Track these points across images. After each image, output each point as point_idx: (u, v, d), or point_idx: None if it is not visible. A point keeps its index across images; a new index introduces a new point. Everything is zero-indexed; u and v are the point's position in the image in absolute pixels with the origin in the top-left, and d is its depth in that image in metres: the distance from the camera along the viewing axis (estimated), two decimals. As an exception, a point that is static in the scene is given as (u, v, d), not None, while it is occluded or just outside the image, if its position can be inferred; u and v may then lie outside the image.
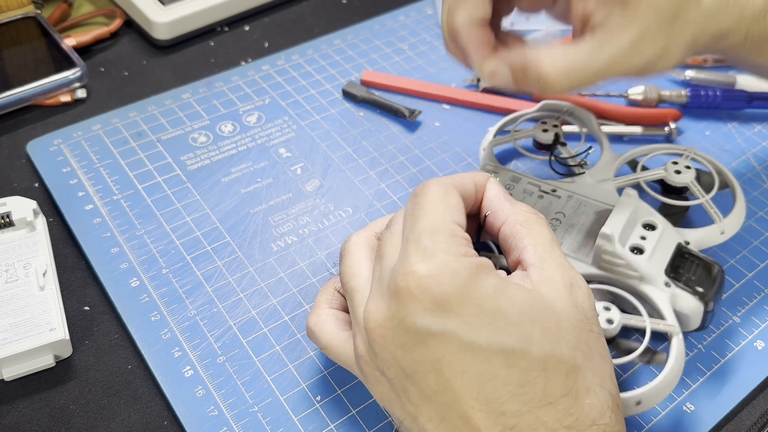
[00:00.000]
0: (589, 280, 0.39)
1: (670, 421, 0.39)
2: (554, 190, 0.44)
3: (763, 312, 0.45)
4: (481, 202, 0.37)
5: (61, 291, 0.44)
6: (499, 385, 0.30)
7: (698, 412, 0.40)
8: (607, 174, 0.45)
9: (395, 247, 0.33)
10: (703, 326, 0.39)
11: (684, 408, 0.40)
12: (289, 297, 0.44)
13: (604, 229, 0.38)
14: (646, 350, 0.38)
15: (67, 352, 0.41)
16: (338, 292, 0.39)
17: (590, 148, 0.47)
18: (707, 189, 0.44)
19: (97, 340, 0.42)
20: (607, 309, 0.37)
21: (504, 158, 0.53)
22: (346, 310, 0.38)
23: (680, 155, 0.45)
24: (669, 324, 0.37)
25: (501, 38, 0.41)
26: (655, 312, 0.38)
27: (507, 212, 0.35)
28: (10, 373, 0.40)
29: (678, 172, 0.44)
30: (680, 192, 0.45)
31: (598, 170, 0.45)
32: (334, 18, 0.67)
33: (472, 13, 0.37)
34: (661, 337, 0.38)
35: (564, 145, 0.47)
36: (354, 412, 0.39)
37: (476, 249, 0.41)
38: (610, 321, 0.36)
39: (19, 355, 0.39)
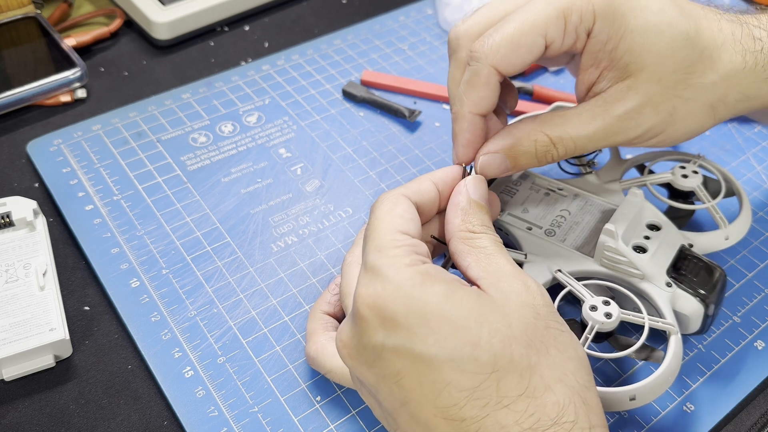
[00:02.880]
0: (591, 276, 0.39)
1: (670, 421, 0.39)
2: (561, 189, 0.44)
3: (763, 312, 0.45)
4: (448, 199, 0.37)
5: (61, 291, 0.44)
6: (454, 391, 0.30)
7: (698, 412, 0.40)
8: (615, 176, 0.45)
9: (357, 273, 0.34)
10: (702, 330, 0.39)
11: (684, 408, 0.40)
12: (289, 297, 0.44)
13: (608, 226, 0.38)
14: (644, 347, 0.38)
15: (67, 352, 0.41)
16: (327, 314, 0.40)
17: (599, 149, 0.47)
18: (713, 195, 0.44)
19: (97, 340, 0.42)
20: (607, 303, 0.37)
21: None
22: None
23: (688, 161, 0.45)
24: (668, 322, 0.37)
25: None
26: (654, 311, 0.38)
27: (454, 228, 0.35)
28: (10, 373, 0.40)
29: (685, 176, 0.44)
30: (686, 196, 0.45)
31: (605, 171, 0.45)
32: (334, 18, 0.67)
33: (481, 107, 0.37)
34: (660, 337, 0.38)
35: None
36: (354, 412, 0.39)
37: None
38: (608, 315, 0.36)
39: (19, 355, 0.39)
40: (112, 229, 0.47)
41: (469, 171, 0.38)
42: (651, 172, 0.46)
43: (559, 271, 0.39)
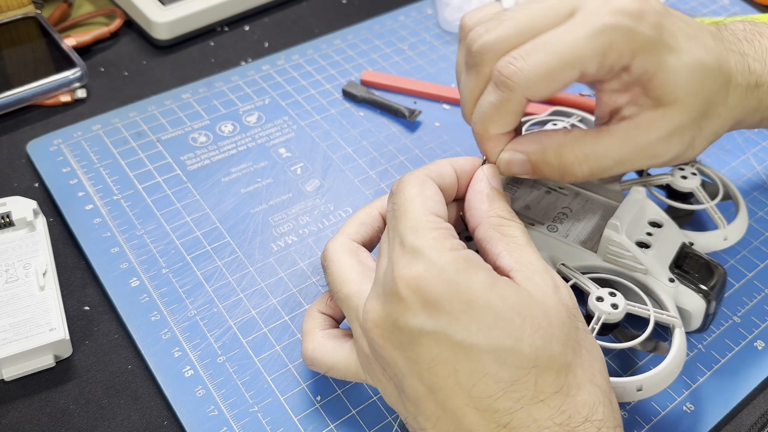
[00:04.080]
0: (594, 271, 0.40)
1: (670, 421, 0.39)
2: (561, 188, 0.44)
3: (763, 312, 0.45)
4: (466, 188, 0.37)
5: (61, 291, 0.44)
6: (491, 382, 0.30)
7: (698, 412, 0.40)
8: (614, 177, 0.45)
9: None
10: (703, 327, 0.40)
11: (684, 408, 0.40)
12: (289, 297, 0.44)
13: (613, 220, 0.39)
14: (650, 339, 0.38)
15: (67, 352, 0.41)
16: (323, 314, 0.39)
17: None
18: (712, 197, 0.45)
19: (97, 340, 0.42)
20: (613, 294, 0.37)
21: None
22: (337, 326, 0.38)
23: (686, 165, 0.46)
24: (672, 315, 0.38)
25: None
26: (658, 305, 0.39)
27: (482, 215, 0.35)
28: (10, 373, 0.40)
29: (684, 177, 0.45)
30: (685, 197, 0.45)
31: None
32: (334, 18, 0.67)
33: (507, 129, 0.37)
34: (663, 332, 0.38)
35: None
36: (354, 412, 0.39)
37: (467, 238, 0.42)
38: (615, 306, 0.37)
39: (19, 355, 0.39)
40: (112, 229, 0.47)
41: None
42: (649, 174, 0.46)
43: (563, 264, 0.39)
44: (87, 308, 0.44)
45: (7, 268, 0.43)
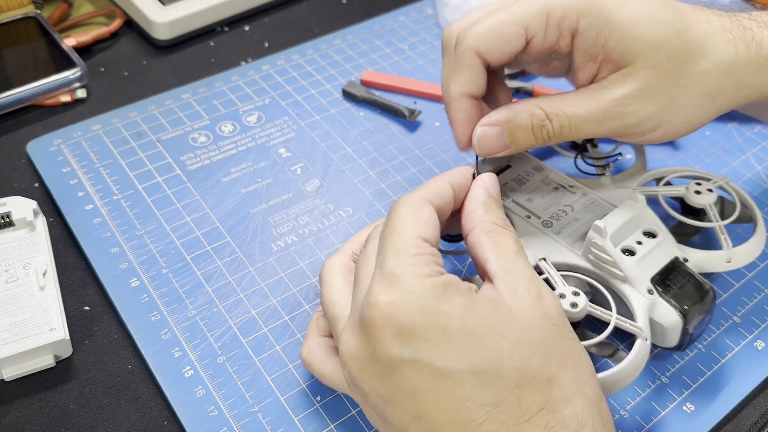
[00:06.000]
0: (574, 270, 0.39)
1: (670, 421, 0.39)
2: (571, 186, 0.44)
3: (763, 312, 0.45)
4: (462, 199, 0.37)
5: (61, 291, 0.44)
6: (474, 407, 0.29)
7: (698, 412, 0.40)
8: (630, 183, 0.44)
9: (368, 272, 0.33)
10: (681, 346, 0.39)
11: (684, 408, 0.40)
12: (289, 297, 0.44)
13: (598, 223, 0.38)
14: (608, 345, 0.38)
15: (67, 352, 0.41)
16: (324, 318, 0.38)
17: (620, 154, 0.47)
18: (727, 217, 0.43)
19: (97, 340, 0.42)
20: (576, 294, 0.36)
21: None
22: None
23: (708, 180, 0.44)
24: (636, 325, 0.37)
25: (497, 93, 0.42)
26: (630, 314, 0.38)
27: (476, 220, 0.35)
28: (10, 373, 0.40)
29: (698, 192, 0.43)
30: (697, 213, 0.44)
31: (623, 176, 0.45)
32: (334, 18, 0.67)
33: (467, 87, 0.38)
34: (632, 343, 0.38)
35: (595, 146, 0.48)
36: (354, 412, 0.39)
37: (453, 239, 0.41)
38: (574, 305, 0.36)
39: (19, 355, 0.39)
40: (112, 229, 0.47)
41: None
42: (668, 184, 0.45)
43: (543, 259, 0.39)
44: (87, 308, 0.44)
45: (7, 268, 0.43)
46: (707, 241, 0.47)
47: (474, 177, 0.38)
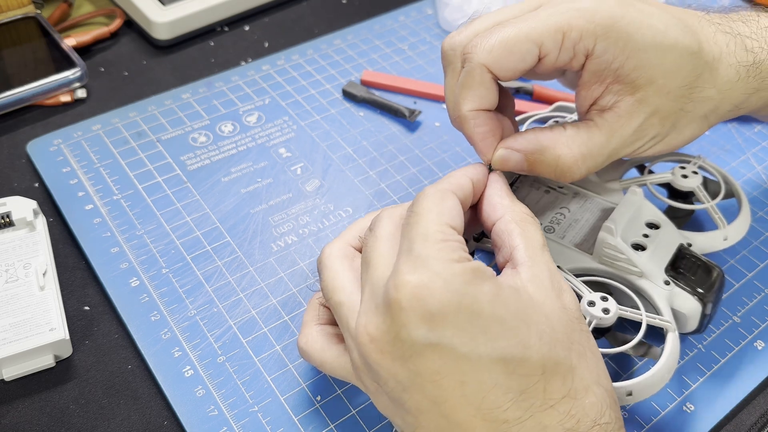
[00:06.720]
0: (590, 273, 0.40)
1: (670, 421, 0.39)
2: (561, 187, 0.44)
3: (763, 312, 0.45)
4: (480, 195, 0.37)
5: (61, 291, 0.44)
6: (500, 393, 0.29)
7: (698, 412, 0.40)
8: (615, 175, 0.45)
9: (382, 254, 0.33)
10: (700, 329, 0.39)
11: (684, 408, 0.40)
12: (289, 297, 0.44)
13: (607, 223, 0.38)
14: (642, 344, 0.38)
15: (67, 352, 0.41)
16: (324, 306, 0.38)
17: None
18: (713, 196, 0.44)
19: (97, 340, 0.42)
20: (605, 299, 0.37)
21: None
22: (334, 323, 0.38)
23: (688, 162, 0.45)
24: (665, 320, 0.37)
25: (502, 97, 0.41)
26: (652, 309, 0.38)
27: (505, 208, 0.35)
28: (10, 373, 0.40)
29: (685, 176, 0.44)
30: (685, 197, 0.45)
31: (605, 171, 0.45)
32: (334, 18, 0.67)
33: (479, 103, 0.37)
34: (658, 335, 0.38)
35: None
36: (354, 412, 0.39)
37: (479, 239, 0.41)
38: (606, 311, 0.36)
39: (19, 355, 0.39)
40: (112, 229, 0.47)
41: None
42: (651, 172, 0.46)
43: (558, 267, 0.39)
44: (87, 308, 0.44)
45: (7, 268, 0.43)
46: (695, 222, 0.47)
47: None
